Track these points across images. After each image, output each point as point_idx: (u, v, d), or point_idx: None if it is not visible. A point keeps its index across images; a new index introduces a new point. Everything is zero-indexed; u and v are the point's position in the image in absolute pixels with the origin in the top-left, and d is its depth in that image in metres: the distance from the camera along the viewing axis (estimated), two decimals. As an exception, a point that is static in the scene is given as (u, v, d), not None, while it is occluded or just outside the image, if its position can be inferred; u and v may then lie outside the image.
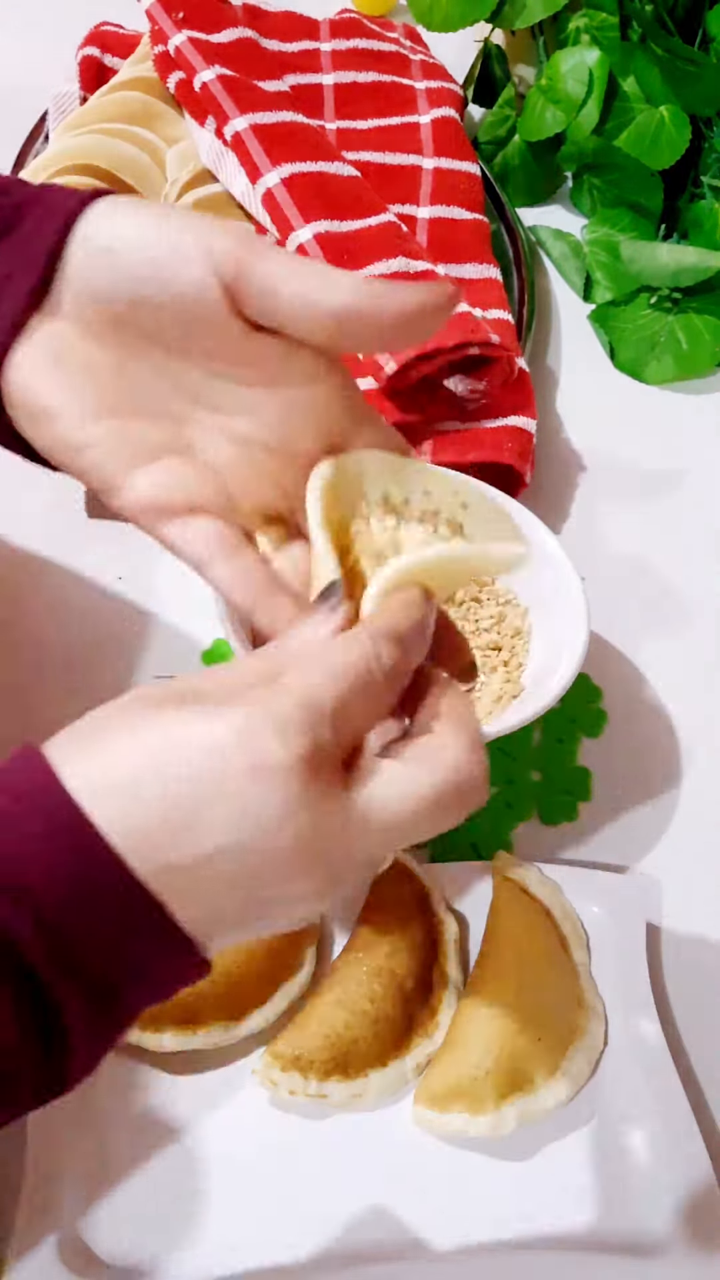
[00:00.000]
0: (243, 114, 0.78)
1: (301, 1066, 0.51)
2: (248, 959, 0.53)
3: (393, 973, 0.53)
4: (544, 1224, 0.50)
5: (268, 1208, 0.49)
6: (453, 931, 0.56)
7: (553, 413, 0.81)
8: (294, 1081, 0.51)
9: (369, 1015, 0.52)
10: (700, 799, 0.64)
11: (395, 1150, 0.51)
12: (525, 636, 0.63)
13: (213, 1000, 0.52)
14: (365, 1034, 0.52)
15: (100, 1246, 0.48)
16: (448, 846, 0.61)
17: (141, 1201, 0.49)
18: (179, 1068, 0.52)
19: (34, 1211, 0.47)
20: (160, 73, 0.82)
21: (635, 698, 0.67)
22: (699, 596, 0.73)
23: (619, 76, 0.84)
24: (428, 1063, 0.52)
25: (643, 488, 0.78)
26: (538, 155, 0.90)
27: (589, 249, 0.87)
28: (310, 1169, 0.50)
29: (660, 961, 0.58)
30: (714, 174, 0.84)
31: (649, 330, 0.82)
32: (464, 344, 0.69)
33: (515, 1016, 0.52)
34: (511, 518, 0.39)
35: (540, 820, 0.62)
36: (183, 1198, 0.49)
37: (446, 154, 0.84)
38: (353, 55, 0.89)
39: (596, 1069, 0.53)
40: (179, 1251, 0.48)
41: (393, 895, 0.55)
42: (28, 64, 0.88)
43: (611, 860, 0.61)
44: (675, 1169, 0.50)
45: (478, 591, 0.65)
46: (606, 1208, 0.50)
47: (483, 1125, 0.51)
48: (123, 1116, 0.51)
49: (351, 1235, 0.49)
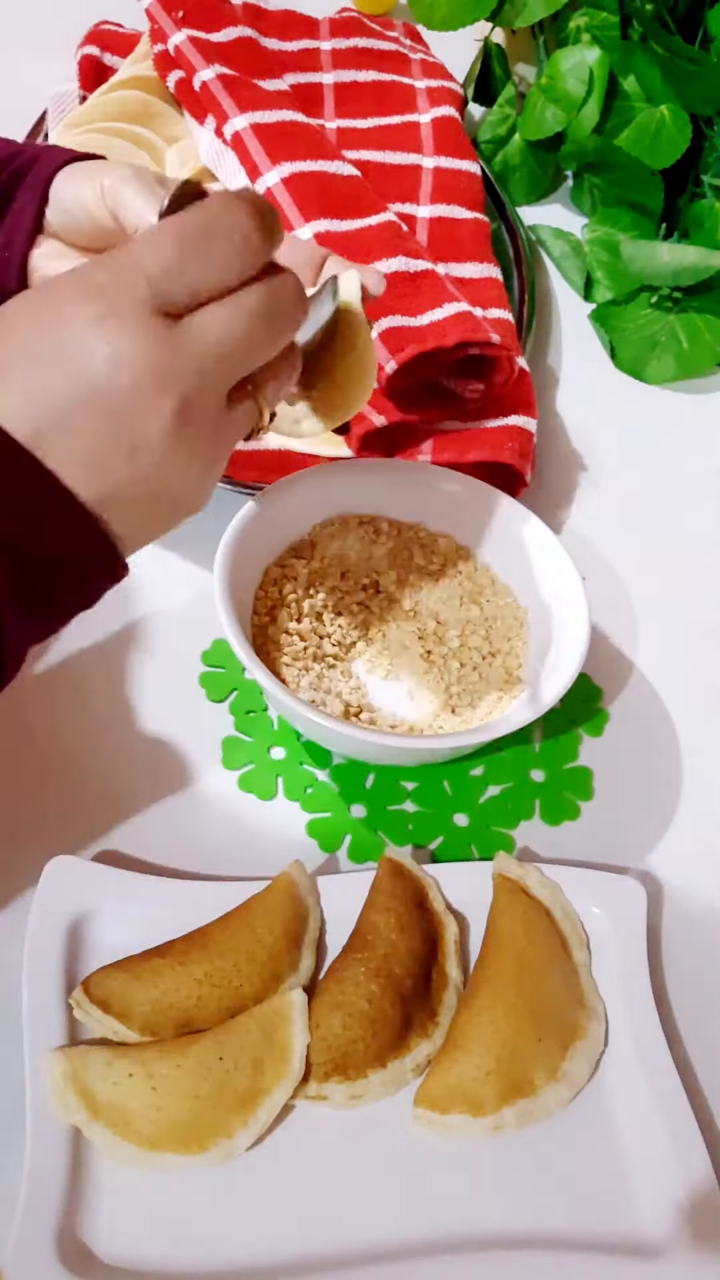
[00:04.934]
0: (242, 113, 0.77)
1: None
2: (248, 960, 0.53)
3: (391, 973, 0.53)
4: (544, 1224, 0.50)
5: (268, 1208, 0.49)
6: (453, 931, 0.56)
7: (553, 413, 0.80)
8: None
9: (367, 1015, 0.52)
10: (700, 799, 0.64)
11: (395, 1151, 0.51)
12: (525, 637, 0.63)
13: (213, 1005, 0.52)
14: (364, 1034, 0.52)
15: (100, 1247, 0.48)
16: (448, 846, 0.61)
17: (141, 1201, 0.49)
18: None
19: (33, 1211, 0.47)
20: (160, 72, 0.82)
21: (635, 698, 0.67)
22: (699, 596, 0.73)
23: (619, 75, 0.84)
24: (428, 1063, 0.52)
25: (643, 488, 0.78)
26: (538, 154, 0.90)
27: (589, 248, 0.87)
28: (310, 1169, 0.50)
29: (660, 961, 0.58)
30: (714, 173, 0.84)
31: (649, 330, 0.82)
32: (464, 343, 0.69)
33: (515, 1017, 0.52)
34: None
35: (540, 820, 0.62)
36: (182, 1198, 0.49)
37: (447, 153, 0.84)
38: (353, 54, 0.89)
39: (597, 1069, 0.53)
40: (179, 1251, 0.48)
41: (392, 895, 0.55)
42: (28, 63, 0.88)
43: (611, 860, 0.61)
44: (675, 1169, 0.50)
45: (478, 592, 0.65)
46: (606, 1208, 0.50)
47: (483, 1126, 0.51)
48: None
49: (351, 1235, 0.49)
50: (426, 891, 0.57)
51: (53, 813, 0.59)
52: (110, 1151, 0.49)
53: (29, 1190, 0.47)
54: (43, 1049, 0.50)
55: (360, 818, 0.61)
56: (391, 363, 0.68)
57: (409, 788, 0.62)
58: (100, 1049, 0.50)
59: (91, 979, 0.52)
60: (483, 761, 0.63)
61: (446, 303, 0.71)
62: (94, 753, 0.61)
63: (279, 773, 0.62)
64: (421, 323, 0.70)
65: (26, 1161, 0.48)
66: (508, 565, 0.65)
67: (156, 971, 0.52)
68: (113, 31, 0.88)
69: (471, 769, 0.63)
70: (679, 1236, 0.49)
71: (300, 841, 0.60)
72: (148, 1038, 0.51)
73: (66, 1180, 0.48)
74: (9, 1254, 0.46)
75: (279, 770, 0.62)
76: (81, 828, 0.59)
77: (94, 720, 0.62)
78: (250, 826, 0.60)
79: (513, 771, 0.63)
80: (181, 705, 0.64)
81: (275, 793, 0.61)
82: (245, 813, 0.61)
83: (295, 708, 0.55)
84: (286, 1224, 0.49)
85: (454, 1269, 0.48)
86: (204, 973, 0.52)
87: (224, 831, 0.60)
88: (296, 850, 0.59)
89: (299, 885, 0.56)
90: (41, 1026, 0.51)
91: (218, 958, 0.52)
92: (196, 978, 0.52)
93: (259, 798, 0.61)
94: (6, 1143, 0.50)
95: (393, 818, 0.61)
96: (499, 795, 0.63)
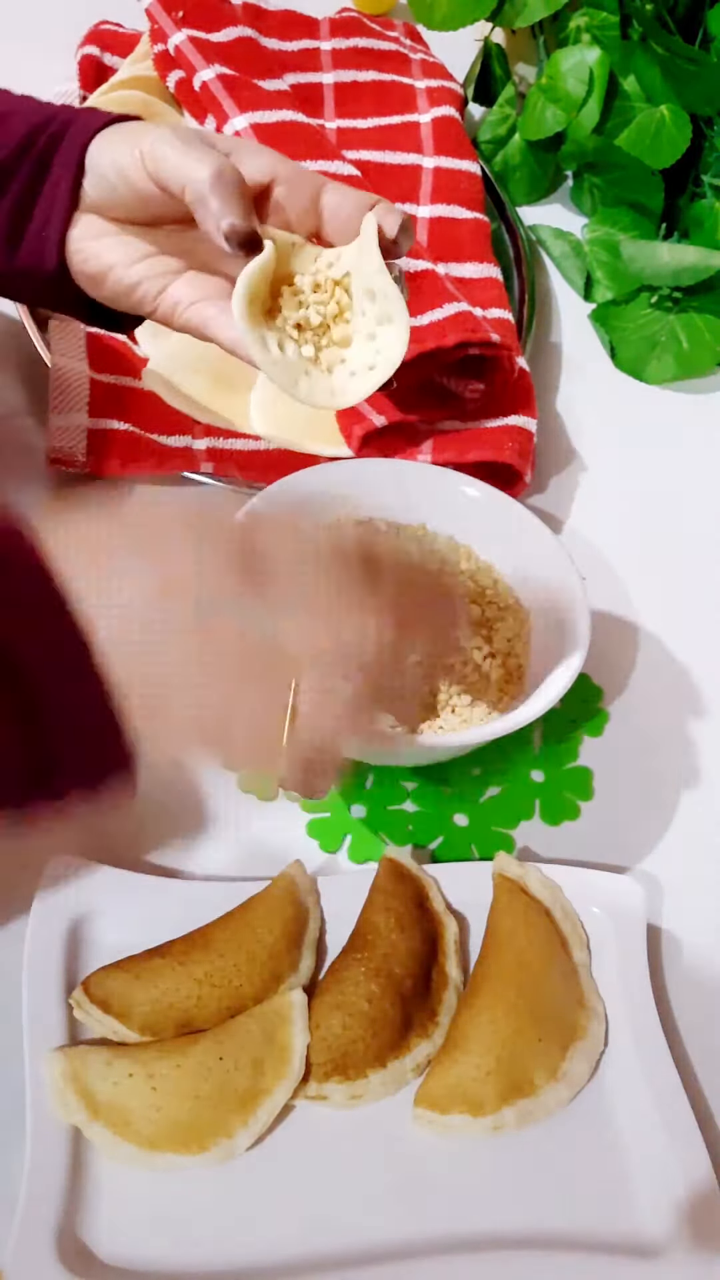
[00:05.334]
0: (242, 113, 0.77)
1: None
2: (248, 960, 0.53)
3: (391, 973, 0.53)
4: (544, 1224, 0.50)
5: (268, 1208, 0.49)
6: (453, 931, 0.56)
7: (553, 413, 0.80)
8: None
9: (367, 1015, 0.52)
10: (700, 799, 0.64)
11: (395, 1151, 0.51)
12: (526, 637, 0.63)
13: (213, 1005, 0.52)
14: (364, 1034, 0.52)
15: (100, 1247, 0.48)
16: (448, 846, 0.61)
17: (141, 1201, 0.49)
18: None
19: (33, 1211, 0.47)
20: (160, 72, 0.82)
21: (635, 698, 0.67)
22: (699, 596, 0.73)
23: (619, 75, 0.84)
24: (427, 1063, 0.52)
25: (643, 488, 0.78)
26: (538, 154, 0.90)
27: (589, 248, 0.87)
28: (310, 1169, 0.50)
29: (660, 961, 0.58)
30: (715, 173, 0.84)
31: (649, 330, 0.82)
32: (464, 343, 0.69)
33: (515, 1017, 0.52)
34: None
35: (540, 820, 0.62)
36: (182, 1198, 0.49)
37: (447, 153, 0.84)
38: (353, 54, 0.89)
39: (597, 1070, 0.53)
40: (179, 1251, 0.48)
41: (392, 895, 0.55)
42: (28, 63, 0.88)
43: (611, 860, 0.61)
44: (675, 1169, 0.50)
45: (479, 593, 0.65)
46: (606, 1208, 0.50)
47: (483, 1126, 0.51)
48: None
49: (351, 1235, 0.49)
50: (426, 891, 0.57)
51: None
52: (110, 1151, 0.49)
53: (29, 1190, 0.47)
54: (43, 1049, 0.50)
55: (360, 818, 0.61)
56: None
57: (409, 788, 0.62)
58: (100, 1049, 0.50)
59: (91, 979, 0.52)
60: (483, 761, 0.63)
61: (446, 303, 0.71)
62: (94, 753, 0.61)
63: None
64: (421, 323, 0.70)
65: (26, 1161, 0.48)
66: (508, 565, 0.65)
67: (156, 971, 0.52)
68: (113, 31, 0.88)
69: (471, 769, 0.63)
70: (679, 1236, 0.49)
71: (300, 841, 0.60)
72: (148, 1038, 0.51)
73: (66, 1180, 0.48)
74: (9, 1254, 0.46)
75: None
76: (81, 828, 0.59)
77: (94, 720, 0.62)
78: (250, 826, 0.60)
79: (513, 771, 0.63)
80: (181, 705, 0.63)
81: (275, 793, 0.61)
82: (245, 813, 0.61)
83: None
84: (286, 1224, 0.49)
85: (454, 1269, 0.48)
86: (204, 973, 0.52)
87: (224, 831, 0.60)
88: (296, 850, 0.59)
89: (299, 885, 0.56)
90: (41, 1026, 0.51)
91: (218, 958, 0.52)
92: (196, 978, 0.52)
93: (259, 798, 0.61)
94: (6, 1143, 0.49)
95: (393, 818, 0.61)
96: (499, 795, 0.63)
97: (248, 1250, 0.48)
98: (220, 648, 0.40)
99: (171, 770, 0.43)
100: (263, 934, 0.53)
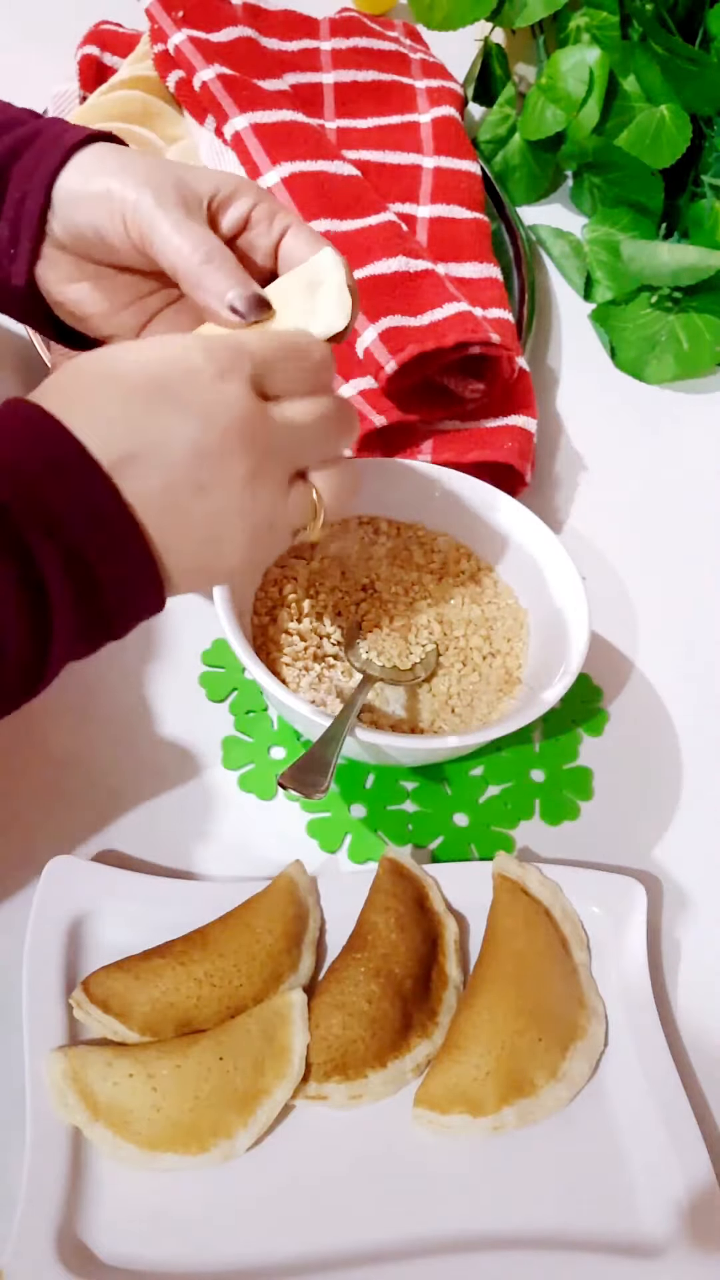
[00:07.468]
0: (242, 113, 0.77)
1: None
2: (248, 960, 0.53)
3: (391, 973, 0.53)
4: (544, 1224, 0.50)
5: (268, 1208, 0.49)
6: (453, 931, 0.56)
7: (553, 413, 0.80)
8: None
9: (367, 1015, 0.52)
10: (700, 799, 0.64)
11: (395, 1151, 0.51)
12: (525, 637, 0.63)
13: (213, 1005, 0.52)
14: (364, 1034, 0.52)
15: (100, 1247, 0.48)
16: (448, 846, 0.61)
17: (141, 1201, 0.49)
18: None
19: (33, 1211, 0.47)
20: (160, 71, 0.82)
21: (635, 698, 0.67)
22: (699, 596, 0.73)
23: (619, 75, 0.84)
24: (427, 1063, 0.52)
25: (643, 488, 0.78)
26: (538, 154, 0.90)
27: (589, 248, 0.87)
28: (310, 1169, 0.50)
29: (660, 961, 0.58)
30: (715, 173, 0.84)
31: (649, 330, 0.82)
32: (464, 343, 0.69)
33: (515, 1017, 0.52)
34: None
35: (540, 820, 0.62)
36: (183, 1198, 0.49)
37: (447, 153, 0.84)
38: (353, 54, 0.89)
39: (597, 1070, 0.53)
40: (179, 1251, 0.48)
41: (392, 895, 0.55)
42: (27, 63, 0.88)
43: (611, 860, 0.61)
44: (675, 1169, 0.50)
45: (479, 593, 0.65)
46: (606, 1208, 0.50)
47: (483, 1127, 0.51)
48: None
49: (351, 1235, 0.49)
50: (426, 891, 0.57)
51: (53, 813, 0.59)
52: (110, 1152, 0.49)
53: (29, 1190, 0.47)
54: (43, 1049, 0.50)
55: (360, 818, 0.61)
56: (391, 363, 0.68)
57: (409, 788, 0.62)
58: (100, 1049, 0.50)
59: (91, 979, 0.52)
60: (483, 761, 0.63)
61: (446, 303, 0.71)
62: (94, 752, 0.61)
63: (279, 772, 0.62)
64: (421, 323, 0.70)
65: (26, 1161, 0.48)
66: (508, 565, 0.65)
67: (156, 971, 0.52)
68: (113, 31, 0.88)
69: (471, 769, 0.63)
70: (679, 1236, 0.49)
71: (300, 841, 0.60)
72: (148, 1038, 0.51)
73: (66, 1180, 0.48)
74: (9, 1254, 0.46)
75: (279, 770, 0.62)
76: (81, 828, 0.59)
77: (94, 720, 0.62)
78: (250, 826, 0.60)
79: (513, 771, 0.63)
80: (181, 705, 0.64)
81: (275, 793, 0.61)
82: (245, 813, 0.61)
83: (295, 707, 0.55)
84: (287, 1224, 0.49)
85: (454, 1269, 0.48)
86: (204, 973, 0.52)
87: (224, 831, 0.60)
88: (296, 850, 0.59)
89: (299, 885, 0.56)
90: (42, 1026, 0.51)
91: (218, 958, 0.52)
92: (196, 978, 0.52)
93: (259, 798, 0.61)
94: (6, 1143, 0.50)
95: (393, 818, 0.61)
96: (499, 795, 0.63)
97: (248, 1250, 0.48)
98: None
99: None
100: (262, 934, 0.53)
